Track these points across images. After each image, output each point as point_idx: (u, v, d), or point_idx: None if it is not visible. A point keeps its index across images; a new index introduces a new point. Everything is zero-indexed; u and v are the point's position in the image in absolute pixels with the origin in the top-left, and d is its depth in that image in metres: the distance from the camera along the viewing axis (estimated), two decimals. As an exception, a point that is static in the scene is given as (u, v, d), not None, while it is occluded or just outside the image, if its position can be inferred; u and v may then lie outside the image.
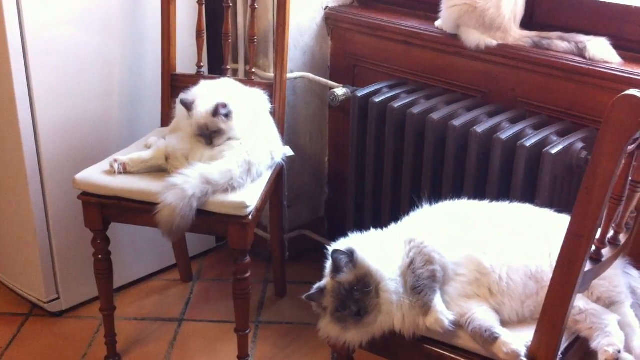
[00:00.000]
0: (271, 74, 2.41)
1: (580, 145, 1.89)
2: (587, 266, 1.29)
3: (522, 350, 1.36)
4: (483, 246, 1.48)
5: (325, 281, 1.50)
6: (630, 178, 1.33)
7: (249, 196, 1.93)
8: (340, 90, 2.40)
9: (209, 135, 1.96)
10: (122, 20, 2.30)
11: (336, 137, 2.67)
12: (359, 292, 1.44)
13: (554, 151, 1.83)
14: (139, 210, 1.94)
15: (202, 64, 2.32)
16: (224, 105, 1.96)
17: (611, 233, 1.43)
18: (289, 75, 2.45)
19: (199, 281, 2.63)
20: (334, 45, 2.58)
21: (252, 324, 2.37)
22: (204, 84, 2.10)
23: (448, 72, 2.26)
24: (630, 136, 1.16)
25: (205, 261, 2.74)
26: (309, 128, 2.65)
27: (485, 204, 1.64)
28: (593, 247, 1.33)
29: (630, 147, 1.23)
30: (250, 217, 1.92)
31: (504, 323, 1.44)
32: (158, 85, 2.31)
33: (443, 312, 1.42)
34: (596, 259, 1.34)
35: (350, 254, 1.46)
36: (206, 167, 1.91)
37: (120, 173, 1.99)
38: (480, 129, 1.97)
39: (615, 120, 1.15)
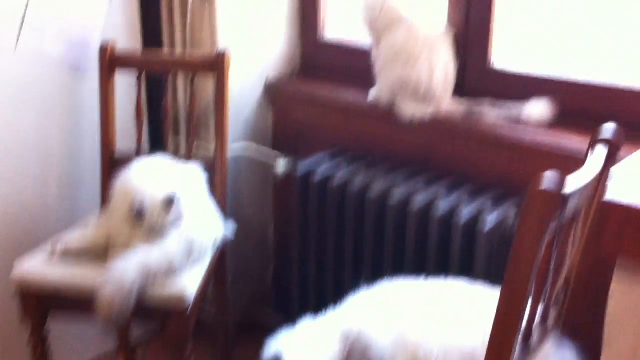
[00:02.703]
0: (213, 146, 2.42)
1: (513, 213, 1.93)
2: (518, 347, 1.31)
3: None
4: (418, 334, 1.49)
5: None
6: (555, 256, 1.36)
7: (190, 284, 1.90)
8: (281, 164, 2.41)
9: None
10: (60, 100, 2.29)
11: (281, 208, 2.67)
12: None
13: (487, 223, 1.87)
14: (77, 302, 1.89)
15: (141, 143, 2.32)
16: (172, 199, 1.94)
17: (541, 311, 1.46)
18: (232, 146, 2.46)
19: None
20: (275, 116, 2.61)
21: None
22: (137, 167, 2.09)
23: (387, 141, 2.30)
24: (547, 226, 1.18)
25: (149, 345, 2.65)
26: (253, 200, 2.64)
27: (421, 282, 1.65)
28: (523, 328, 1.35)
29: (551, 231, 1.26)
30: (189, 310, 1.89)
31: (443, 408, 1.45)
32: (98, 165, 2.29)
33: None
34: (527, 336, 1.36)
35: None
36: (146, 252, 1.89)
37: (61, 256, 1.97)
38: (416, 203, 1.99)
39: (532, 212, 1.18)
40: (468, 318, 1.52)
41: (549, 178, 1.20)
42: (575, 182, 1.26)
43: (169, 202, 1.94)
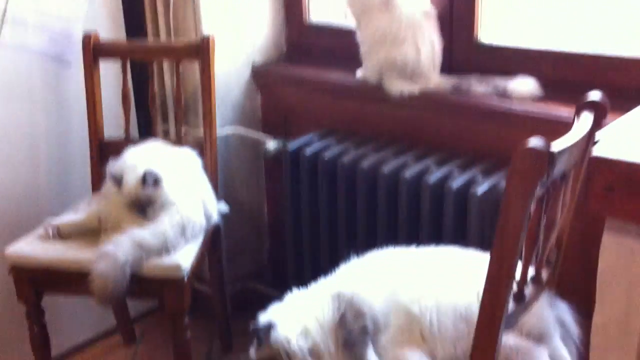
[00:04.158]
0: (202, 132, 2.42)
1: (504, 183, 1.94)
2: (511, 307, 1.33)
3: (459, 393, 1.38)
4: (411, 293, 1.51)
5: (252, 352, 1.51)
6: (545, 216, 1.38)
7: (184, 258, 1.92)
8: (271, 144, 2.42)
9: (143, 207, 1.96)
10: (46, 88, 2.29)
11: (273, 187, 2.69)
12: None
13: (479, 191, 1.89)
14: (72, 281, 1.91)
15: (129, 128, 2.32)
16: (151, 173, 1.95)
17: (533, 271, 1.48)
18: (221, 131, 2.47)
19: (143, 343, 2.57)
20: (263, 99, 2.62)
21: (199, 383, 2.34)
22: (131, 152, 2.10)
23: (375, 120, 2.31)
24: (535, 185, 1.20)
25: (148, 321, 2.68)
26: (245, 181, 2.66)
27: (412, 249, 1.67)
28: (515, 288, 1.36)
29: (539, 191, 1.27)
30: (185, 279, 1.90)
31: (439, 367, 1.46)
32: (87, 151, 2.29)
33: (376, 365, 1.43)
34: (520, 298, 1.38)
35: (268, 329, 1.47)
36: (139, 231, 1.90)
37: (54, 237, 1.98)
38: (408, 174, 2.02)
39: (519, 171, 1.19)
40: (461, 278, 1.54)
41: (536, 139, 1.21)
42: (563, 142, 1.28)
43: (147, 177, 1.94)
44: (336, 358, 1.46)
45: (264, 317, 1.52)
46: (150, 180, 1.94)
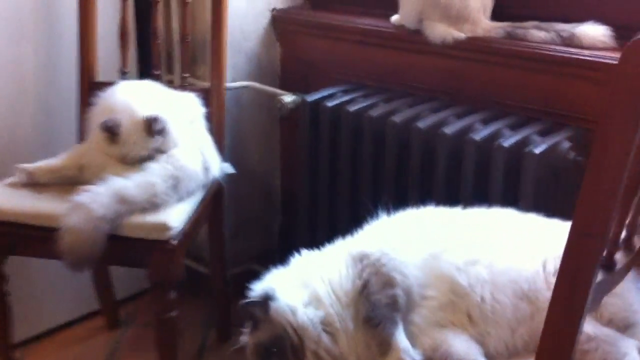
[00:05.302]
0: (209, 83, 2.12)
1: (566, 144, 1.62)
2: (599, 276, 0.98)
3: (516, 393, 1.04)
4: (457, 260, 1.16)
5: (245, 338, 1.19)
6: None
7: (174, 216, 1.61)
8: (288, 97, 2.11)
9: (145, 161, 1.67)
10: (35, 21, 2.03)
11: (289, 155, 2.38)
12: (277, 355, 1.13)
13: (537, 151, 1.57)
14: (39, 238, 1.61)
15: (127, 70, 2.02)
16: (156, 120, 1.65)
17: (626, 233, 1.13)
18: (232, 84, 2.19)
19: (130, 327, 2.26)
20: (283, 51, 2.33)
21: (191, 375, 2.03)
22: (121, 86, 1.80)
23: (410, 73, 2.01)
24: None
25: (137, 304, 2.37)
26: (257, 145, 2.35)
27: (457, 210, 1.33)
28: (604, 251, 1.02)
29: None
30: (175, 241, 1.58)
31: (490, 357, 1.12)
32: (76, 94, 2.00)
33: (407, 351, 1.09)
34: (609, 266, 1.03)
35: (264, 300, 1.14)
36: (121, 182, 1.59)
37: (26, 179, 1.71)
38: (449, 130, 1.70)
39: (630, 75, 0.85)
40: (523, 244, 1.20)
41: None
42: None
43: (151, 124, 1.62)
44: (354, 338, 1.12)
45: (258, 287, 1.18)
46: (157, 128, 1.64)
